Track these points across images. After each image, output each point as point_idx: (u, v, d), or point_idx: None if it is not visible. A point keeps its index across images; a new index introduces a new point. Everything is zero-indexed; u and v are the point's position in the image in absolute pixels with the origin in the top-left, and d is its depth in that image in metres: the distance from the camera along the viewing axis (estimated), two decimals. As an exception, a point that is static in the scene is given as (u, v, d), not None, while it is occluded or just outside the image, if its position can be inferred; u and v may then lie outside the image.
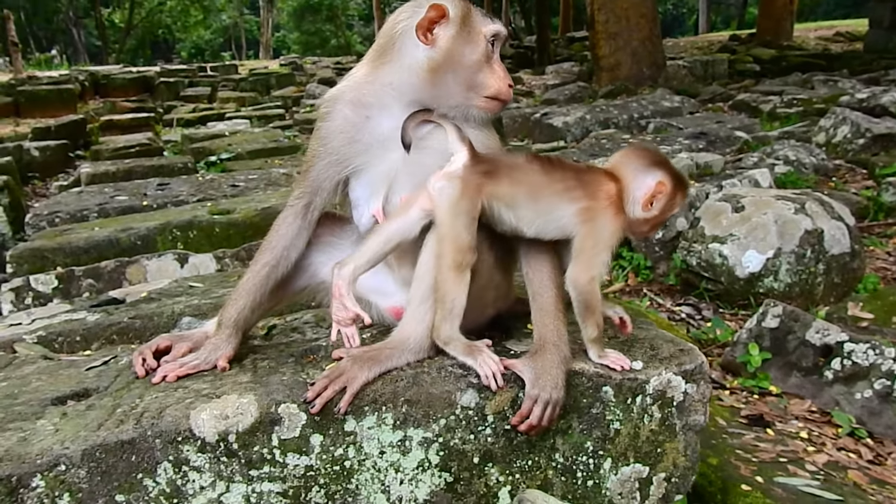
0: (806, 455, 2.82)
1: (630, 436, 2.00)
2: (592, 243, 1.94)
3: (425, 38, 1.94)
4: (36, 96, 15.81)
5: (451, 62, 1.96)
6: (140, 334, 2.83)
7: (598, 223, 1.96)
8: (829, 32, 28.13)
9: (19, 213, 6.20)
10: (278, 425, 1.79)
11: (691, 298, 4.57)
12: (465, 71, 1.99)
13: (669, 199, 2.01)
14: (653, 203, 2.01)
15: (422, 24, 1.94)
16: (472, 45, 1.98)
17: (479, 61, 1.99)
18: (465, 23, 1.97)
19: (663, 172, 2.01)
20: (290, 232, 2.10)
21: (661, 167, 2.03)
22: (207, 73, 24.81)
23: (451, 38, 1.95)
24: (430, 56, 1.96)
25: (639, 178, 2.01)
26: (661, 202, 2.01)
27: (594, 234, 1.95)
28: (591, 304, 1.94)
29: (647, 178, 2.00)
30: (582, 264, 1.94)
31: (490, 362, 1.87)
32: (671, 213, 2.07)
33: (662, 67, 14.22)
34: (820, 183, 6.43)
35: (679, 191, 2.03)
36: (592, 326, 1.96)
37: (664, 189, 1.99)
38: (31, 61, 35.35)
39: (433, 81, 1.97)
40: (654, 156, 2.07)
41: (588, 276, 1.93)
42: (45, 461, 1.64)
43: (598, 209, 1.96)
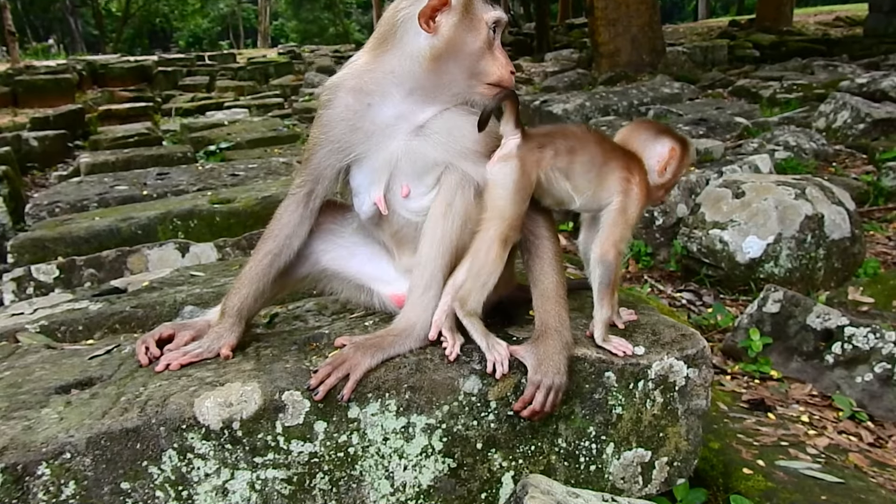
0: (807, 438, 2.83)
1: (632, 420, 2.01)
2: (623, 217, 2.03)
3: (427, 25, 1.93)
4: (34, 86, 15.76)
5: (453, 50, 1.96)
6: (142, 323, 2.83)
7: (630, 195, 2.05)
8: (828, 17, 28.04)
9: (19, 203, 6.20)
10: (282, 412, 1.80)
11: (692, 284, 4.57)
12: (468, 58, 1.98)
13: (680, 161, 2.16)
14: (666, 168, 2.15)
15: (424, 12, 1.92)
16: (473, 32, 1.97)
17: (482, 48, 1.98)
18: (466, 10, 1.96)
19: (672, 139, 2.16)
20: (292, 220, 2.09)
21: (669, 134, 2.18)
22: (205, 62, 24.73)
23: (453, 26, 1.94)
24: (431, 44, 1.95)
25: (650, 147, 2.15)
26: (674, 166, 2.15)
27: (626, 207, 2.04)
28: (613, 280, 2.00)
29: (658, 147, 2.15)
30: (612, 237, 2.02)
31: (500, 349, 1.88)
32: (681, 175, 2.24)
33: (662, 54, 14.17)
34: (820, 168, 6.43)
35: (686, 152, 2.18)
36: (608, 306, 2.00)
37: (676, 153, 2.14)
38: (28, 51, 35.22)
39: (435, 69, 1.97)
40: (659, 126, 2.26)
41: (616, 251, 2.01)
42: (51, 449, 1.65)
43: (633, 182, 2.06)
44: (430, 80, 1.99)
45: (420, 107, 2.02)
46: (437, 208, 1.97)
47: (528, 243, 2.03)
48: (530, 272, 2.02)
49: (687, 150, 2.18)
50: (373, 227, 2.17)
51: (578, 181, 2.02)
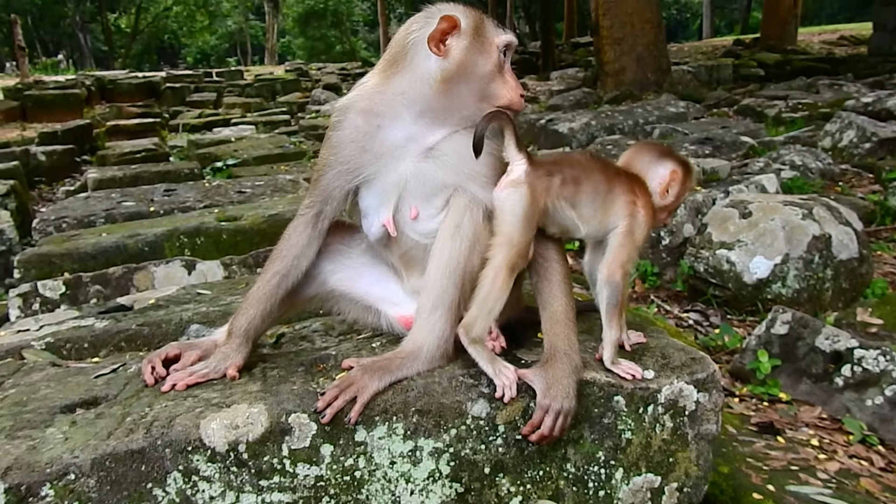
0: (817, 463, 2.80)
1: (642, 445, 1.99)
2: (630, 239, 2.03)
3: (438, 48, 1.94)
4: (42, 101, 15.85)
5: (463, 73, 1.96)
6: (148, 341, 2.82)
7: (637, 218, 2.05)
8: (833, 36, 28.11)
9: (26, 217, 6.22)
10: (288, 435, 1.79)
11: (699, 305, 4.55)
12: (478, 81, 1.99)
13: (682, 184, 2.17)
14: (668, 190, 2.16)
15: (434, 36, 1.93)
16: (484, 55, 1.98)
17: (492, 71, 1.99)
18: (477, 34, 1.97)
19: (674, 161, 2.18)
20: (300, 241, 2.09)
21: (671, 157, 2.20)
22: (213, 78, 24.88)
23: (464, 49, 1.95)
24: (442, 67, 1.95)
25: (653, 169, 2.16)
26: (676, 188, 2.17)
27: (632, 229, 2.04)
28: (620, 301, 2.00)
29: (660, 169, 2.16)
30: (619, 259, 2.02)
31: (508, 373, 1.87)
32: (684, 197, 2.27)
33: (667, 72, 14.22)
34: (826, 188, 6.41)
35: (689, 175, 2.20)
36: (616, 327, 1.99)
37: (677, 176, 2.15)
38: (37, 66, 35.50)
39: (445, 92, 1.97)
40: (661, 148, 2.27)
41: (623, 271, 2.01)
42: (55, 470, 1.64)
43: (639, 204, 2.06)
44: (440, 103, 1.99)
45: (430, 129, 2.02)
46: (446, 230, 1.97)
47: (537, 265, 2.02)
48: (539, 295, 2.01)
49: (689, 173, 2.19)
50: (381, 248, 2.17)
51: (584, 210, 2.02)
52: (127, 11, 53.13)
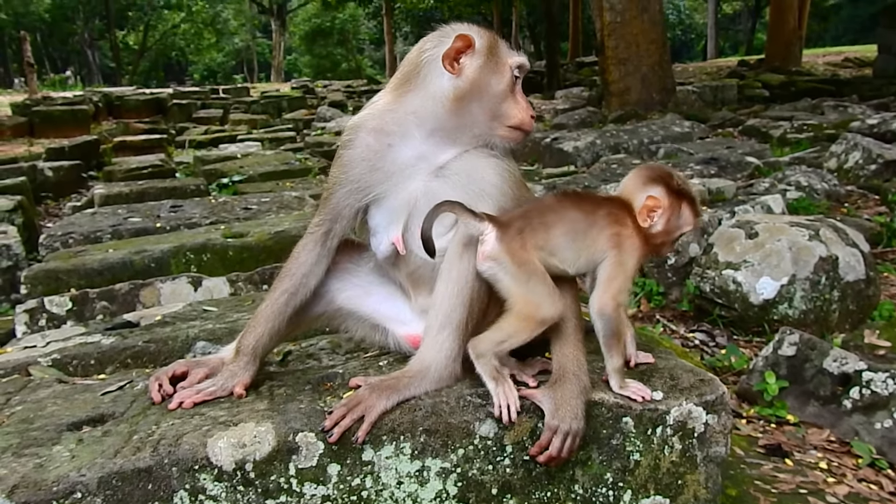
0: (826, 486, 2.78)
1: (650, 467, 1.98)
2: (620, 269, 1.97)
3: (452, 67, 1.95)
4: (50, 116, 15.94)
5: (476, 92, 1.98)
6: (155, 358, 2.82)
7: (624, 248, 1.99)
8: (837, 58, 28.21)
9: (33, 233, 6.24)
10: (296, 454, 1.78)
11: (705, 325, 4.54)
12: (490, 101, 2.00)
13: (670, 213, 2.04)
14: (652, 217, 2.04)
15: (448, 54, 1.95)
16: (497, 75, 1.99)
17: (504, 92, 2.00)
18: (491, 53, 1.99)
19: (658, 187, 2.04)
20: (309, 259, 2.09)
21: (657, 182, 2.06)
22: (219, 95, 25.04)
23: (478, 69, 1.97)
24: (455, 85, 1.97)
25: (637, 194, 2.06)
26: (663, 217, 2.04)
27: (621, 260, 1.98)
28: (617, 331, 1.95)
29: (641, 194, 2.05)
30: (610, 291, 1.96)
31: (509, 394, 1.85)
32: (681, 228, 2.09)
33: (672, 92, 14.27)
34: (832, 209, 6.41)
35: (680, 204, 2.06)
36: (617, 356, 1.96)
37: (657, 203, 2.03)
38: (45, 82, 35.80)
39: (457, 111, 1.98)
40: (652, 172, 2.11)
41: (615, 303, 1.95)
42: (62, 489, 1.63)
43: (625, 234, 2.00)
44: (451, 122, 2.00)
45: (441, 148, 2.03)
46: (455, 249, 1.97)
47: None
48: (548, 314, 2.00)
49: (681, 202, 2.06)
50: (389, 266, 2.17)
51: (565, 254, 1.97)
52: (135, 29, 53.62)
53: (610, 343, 1.95)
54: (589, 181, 6.29)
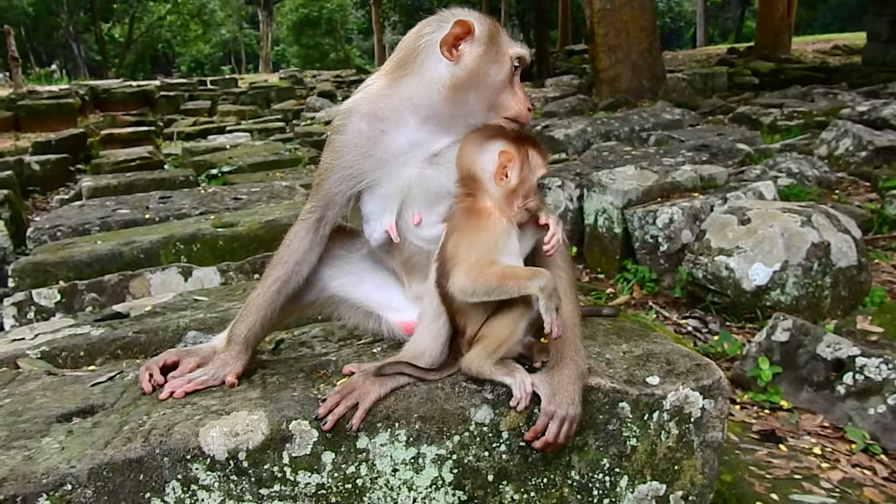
0: (820, 472, 2.78)
1: (647, 453, 1.96)
2: (467, 243, 1.86)
3: (450, 53, 1.91)
4: (36, 110, 15.81)
5: (474, 80, 1.93)
6: (145, 349, 2.79)
7: (466, 222, 1.90)
8: (826, 46, 28.25)
9: (20, 227, 6.18)
10: (289, 442, 1.76)
11: (697, 311, 4.54)
12: (488, 90, 1.96)
13: (521, 160, 1.92)
14: (507, 174, 1.91)
15: (446, 40, 1.90)
16: (497, 64, 1.95)
17: (503, 82, 1.97)
18: (491, 42, 1.94)
19: (499, 140, 1.93)
20: (301, 247, 2.06)
21: (496, 137, 1.94)
22: (207, 86, 24.85)
23: (477, 57, 1.92)
24: (453, 72, 1.93)
25: (480, 159, 1.92)
26: (515, 168, 1.91)
27: (465, 234, 1.88)
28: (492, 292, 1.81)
29: (487, 156, 1.91)
30: (463, 267, 1.83)
31: (527, 383, 1.83)
32: (535, 173, 1.96)
33: (662, 80, 14.25)
34: (823, 195, 6.41)
35: (527, 149, 1.95)
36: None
37: (509, 156, 1.90)
38: (31, 76, 35.40)
39: (454, 98, 1.94)
40: (484, 132, 1.97)
41: (472, 276, 1.81)
42: (51, 480, 1.61)
43: (473, 207, 1.92)
44: (447, 109, 1.97)
45: (435, 136, 2.00)
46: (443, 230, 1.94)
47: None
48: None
49: (526, 147, 1.94)
50: (383, 253, 2.14)
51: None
52: (120, 21, 53.09)
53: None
54: (580, 168, 6.26)
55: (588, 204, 5.51)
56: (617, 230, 5.23)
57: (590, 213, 5.48)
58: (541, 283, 1.74)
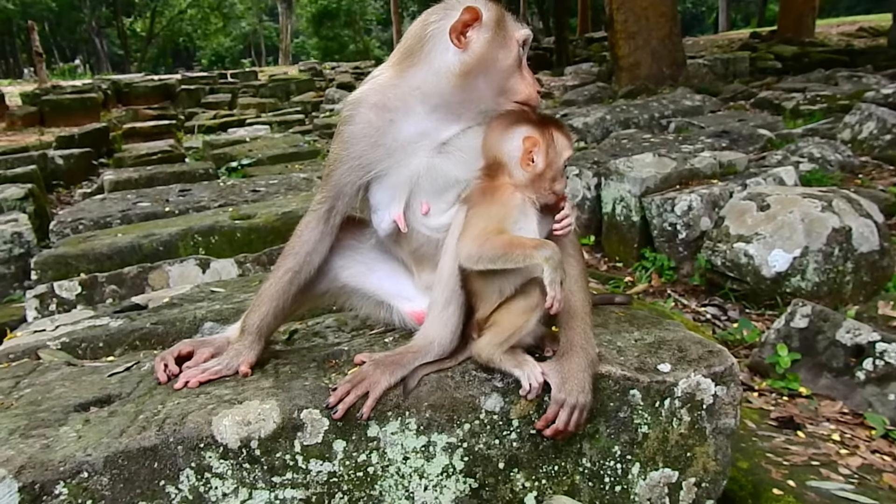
0: (839, 458, 2.75)
1: (659, 440, 1.96)
2: (479, 214, 1.89)
3: (458, 40, 1.91)
4: (60, 105, 16.02)
5: (483, 66, 1.93)
6: (162, 340, 2.82)
7: (481, 198, 1.92)
8: (851, 28, 27.76)
9: (44, 220, 6.26)
10: (301, 431, 1.78)
11: (716, 299, 4.50)
12: (497, 75, 1.95)
13: (547, 145, 1.93)
14: (533, 159, 1.92)
15: (455, 27, 1.89)
16: (505, 49, 1.94)
17: (511, 66, 1.96)
18: (499, 27, 1.93)
19: (524, 126, 1.93)
20: (312, 237, 2.07)
21: (520, 123, 1.94)
22: (228, 79, 24.97)
23: (486, 43, 1.91)
24: (462, 60, 1.92)
25: (505, 146, 1.93)
26: (541, 152, 1.92)
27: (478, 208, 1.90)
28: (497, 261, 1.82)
29: (512, 142, 1.92)
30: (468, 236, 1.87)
31: (537, 373, 1.83)
32: (561, 156, 1.96)
33: (683, 66, 14.08)
34: (846, 180, 6.31)
35: (552, 132, 1.95)
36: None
37: (534, 141, 1.91)
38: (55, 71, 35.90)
39: (463, 85, 1.94)
40: (508, 118, 1.97)
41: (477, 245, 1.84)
42: (68, 468, 1.64)
43: (477, 188, 1.95)
44: (456, 97, 1.96)
45: (444, 124, 2.00)
46: (458, 225, 1.95)
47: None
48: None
49: (552, 130, 1.95)
50: (391, 243, 2.15)
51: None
52: (142, 15, 53.56)
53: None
54: (598, 157, 6.21)
55: (606, 192, 5.48)
56: (635, 218, 5.19)
57: (607, 201, 5.45)
58: (546, 254, 1.74)
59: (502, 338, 1.86)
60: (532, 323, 1.87)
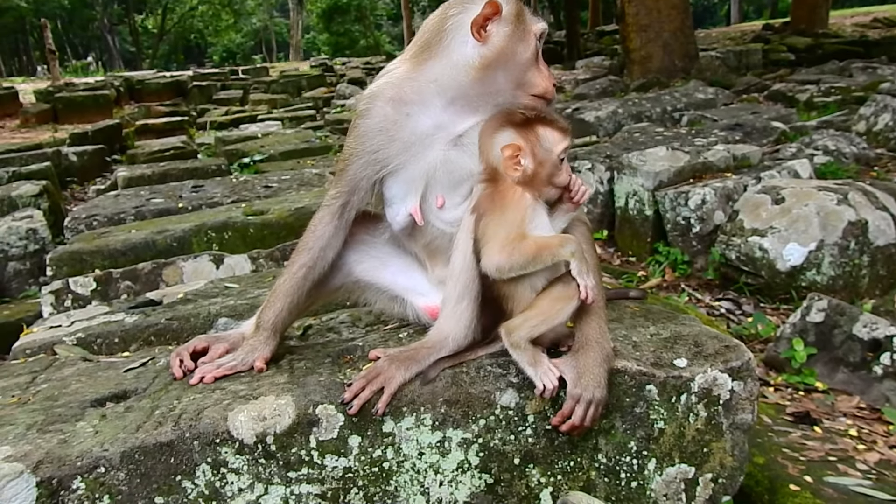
0: (856, 453, 2.73)
1: (675, 435, 1.95)
2: (494, 222, 1.88)
3: (479, 34, 1.90)
4: (73, 102, 16.11)
5: (503, 60, 1.92)
6: (177, 335, 2.83)
7: (491, 205, 1.91)
8: (865, 19, 27.45)
9: (59, 217, 6.30)
10: (316, 426, 1.78)
11: (731, 293, 4.47)
12: (516, 69, 1.95)
13: (531, 146, 1.90)
14: (520, 162, 1.89)
15: (477, 21, 1.89)
16: (524, 43, 1.94)
17: (530, 60, 1.96)
18: (518, 20, 1.93)
19: (504, 132, 1.91)
20: (326, 232, 2.07)
21: (501, 127, 1.91)
22: (239, 76, 25.06)
23: (506, 36, 1.91)
24: (481, 53, 1.91)
25: (492, 154, 1.92)
26: (528, 155, 1.89)
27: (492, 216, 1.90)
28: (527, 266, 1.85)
29: (495, 151, 1.91)
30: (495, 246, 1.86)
31: (551, 376, 1.82)
32: (554, 151, 1.92)
33: (695, 59, 13.98)
34: (861, 173, 6.25)
35: (536, 131, 1.91)
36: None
37: (516, 147, 1.88)
38: (68, 68, 36.09)
39: (482, 79, 1.94)
40: (493, 123, 1.94)
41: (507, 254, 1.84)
42: (85, 463, 1.65)
43: (484, 194, 1.93)
44: (474, 90, 1.96)
45: (460, 117, 1.99)
46: (467, 226, 1.94)
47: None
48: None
49: (532, 126, 1.91)
50: (405, 237, 2.14)
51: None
52: (153, 12, 53.77)
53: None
54: (611, 151, 6.18)
55: (618, 186, 5.45)
56: (648, 212, 5.16)
57: (620, 195, 5.42)
58: (571, 248, 1.80)
59: (533, 323, 1.84)
60: (566, 313, 1.85)
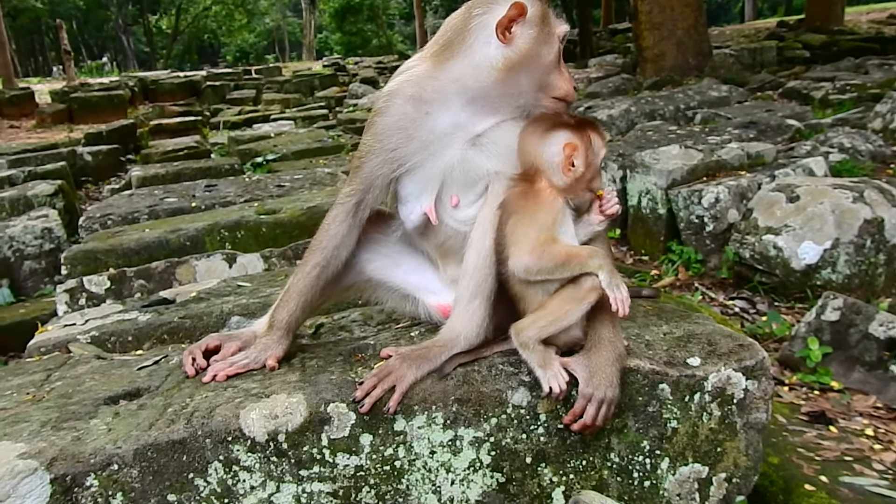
0: (872, 453, 2.70)
1: (688, 435, 1.94)
2: (525, 223, 1.88)
3: (503, 35, 1.89)
4: (88, 102, 16.26)
5: (527, 62, 1.91)
6: (190, 334, 2.85)
7: (523, 204, 1.91)
8: (882, 15, 27.19)
9: (74, 216, 6.35)
10: (328, 425, 1.78)
11: (745, 292, 4.44)
12: (539, 71, 1.94)
13: (585, 148, 1.92)
14: (574, 163, 1.91)
15: (502, 22, 1.88)
16: (548, 45, 1.93)
17: (553, 62, 1.95)
18: (543, 22, 1.92)
19: (562, 131, 1.92)
20: (340, 231, 2.06)
21: (558, 128, 1.93)
22: (252, 75, 25.16)
23: (531, 38, 1.90)
24: (505, 54, 1.90)
25: (544, 153, 1.92)
26: (581, 157, 1.92)
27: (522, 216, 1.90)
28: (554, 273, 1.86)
29: (551, 148, 1.91)
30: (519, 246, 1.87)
31: (560, 379, 1.81)
32: (598, 156, 1.97)
33: (708, 57, 13.89)
34: (878, 170, 6.19)
35: (588, 135, 1.94)
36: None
37: (574, 147, 1.91)
38: (83, 69, 36.36)
39: (504, 80, 1.93)
40: (544, 124, 1.96)
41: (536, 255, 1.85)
42: (99, 460, 1.66)
43: (514, 192, 1.94)
44: (496, 91, 1.95)
45: (479, 117, 1.99)
46: (485, 217, 1.94)
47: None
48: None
49: (588, 133, 1.94)
50: (418, 236, 2.14)
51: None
52: (167, 13, 54.11)
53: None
54: (624, 149, 6.16)
55: (631, 185, 5.42)
56: (661, 211, 5.14)
57: (633, 194, 5.40)
58: (599, 262, 1.81)
59: (543, 323, 1.84)
60: (576, 315, 1.84)
